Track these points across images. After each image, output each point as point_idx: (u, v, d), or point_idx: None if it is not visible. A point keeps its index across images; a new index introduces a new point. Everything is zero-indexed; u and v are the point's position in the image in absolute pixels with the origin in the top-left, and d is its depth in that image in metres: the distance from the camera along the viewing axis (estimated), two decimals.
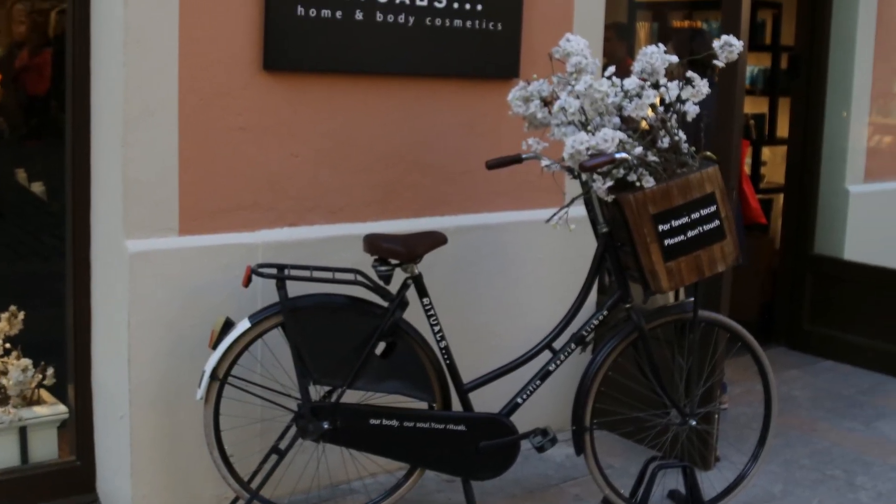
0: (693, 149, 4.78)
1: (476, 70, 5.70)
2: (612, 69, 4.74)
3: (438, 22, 5.45)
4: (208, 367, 4.53)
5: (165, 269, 4.73)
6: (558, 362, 4.98)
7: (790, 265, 8.70)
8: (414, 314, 4.82)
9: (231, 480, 4.71)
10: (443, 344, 4.88)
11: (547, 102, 4.85)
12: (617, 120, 4.71)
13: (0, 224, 6.15)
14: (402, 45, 5.36)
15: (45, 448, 5.07)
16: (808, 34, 8.55)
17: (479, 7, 5.59)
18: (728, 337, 5.42)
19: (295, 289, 4.62)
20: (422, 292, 4.81)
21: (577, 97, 4.62)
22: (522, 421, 5.00)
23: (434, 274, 5.19)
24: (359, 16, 5.17)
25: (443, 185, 5.66)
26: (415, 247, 4.75)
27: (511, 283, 5.97)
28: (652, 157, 4.61)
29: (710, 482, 5.45)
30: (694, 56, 5.45)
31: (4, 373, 5.03)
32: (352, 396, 4.74)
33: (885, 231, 8.72)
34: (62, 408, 5.11)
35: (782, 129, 9.86)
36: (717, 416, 5.82)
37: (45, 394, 5.16)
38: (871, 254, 8.36)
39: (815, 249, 8.58)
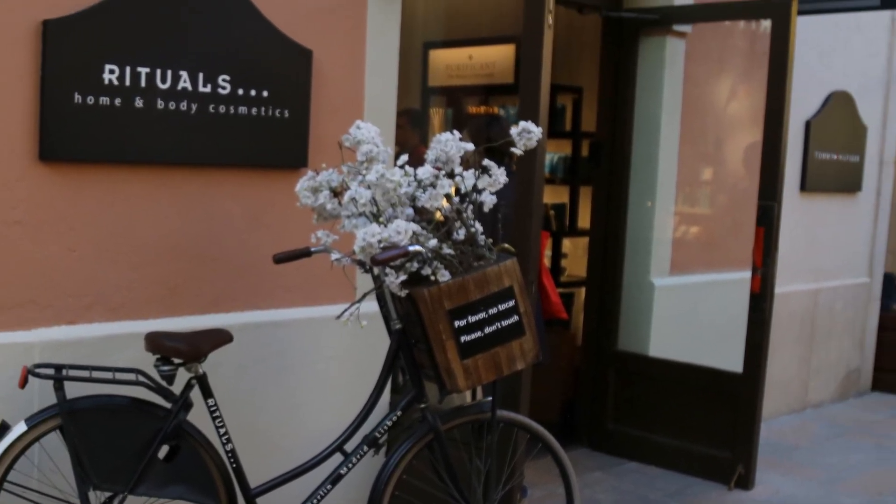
0: (490, 241, 5.03)
1: (262, 159, 5.92)
2: (404, 158, 4.98)
3: (223, 109, 5.68)
4: None
5: None
6: (350, 465, 5.18)
7: (593, 362, 8.91)
8: (199, 416, 4.98)
9: None
10: (229, 447, 5.04)
11: (337, 193, 5.05)
12: (410, 211, 4.95)
13: None
14: (184, 134, 5.55)
15: None
16: (610, 120, 8.83)
17: (265, 94, 5.84)
18: (528, 438, 5.66)
19: (74, 390, 4.75)
20: (207, 393, 4.97)
21: (369, 187, 4.85)
22: None
23: (219, 373, 5.38)
24: (139, 103, 5.35)
25: (228, 280, 5.85)
26: (199, 345, 4.93)
27: (300, 383, 6.16)
28: (447, 250, 4.84)
29: None
30: (491, 143, 5.66)
31: None
32: (134, 502, 4.89)
33: (691, 326, 8.98)
34: None
35: (584, 220, 10.03)
36: None
37: None
38: (677, 350, 8.62)
39: (619, 345, 8.84)
